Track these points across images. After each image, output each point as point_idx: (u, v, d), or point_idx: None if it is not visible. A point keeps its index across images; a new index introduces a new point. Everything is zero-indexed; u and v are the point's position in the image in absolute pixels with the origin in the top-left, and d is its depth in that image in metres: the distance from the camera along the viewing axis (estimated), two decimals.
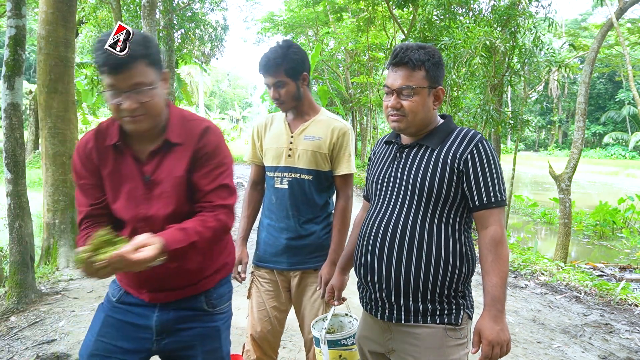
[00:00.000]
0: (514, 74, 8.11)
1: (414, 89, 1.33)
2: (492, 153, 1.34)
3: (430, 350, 1.33)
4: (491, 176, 1.32)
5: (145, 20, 8.07)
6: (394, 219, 1.36)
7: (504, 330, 1.25)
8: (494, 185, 1.32)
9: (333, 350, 1.69)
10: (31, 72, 28.69)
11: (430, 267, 1.32)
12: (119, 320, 1.40)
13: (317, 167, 1.86)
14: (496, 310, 1.26)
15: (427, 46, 1.38)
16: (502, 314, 1.26)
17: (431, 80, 1.35)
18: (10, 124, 3.50)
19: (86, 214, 1.35)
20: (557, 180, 7.47)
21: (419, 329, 1.34)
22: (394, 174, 1.41)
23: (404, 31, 12.49)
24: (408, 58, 1.34)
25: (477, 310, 1.32)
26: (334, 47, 20.09)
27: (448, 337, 1.33)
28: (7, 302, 3.49)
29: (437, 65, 1.37)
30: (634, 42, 17.48)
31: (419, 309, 1.33)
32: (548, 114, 44.46)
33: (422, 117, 1.37)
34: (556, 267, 5.37)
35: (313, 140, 1.85)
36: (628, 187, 18.32)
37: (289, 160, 1.87)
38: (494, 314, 1.26)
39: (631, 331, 3.47)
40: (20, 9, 3.53)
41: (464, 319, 1.36)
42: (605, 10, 8.62)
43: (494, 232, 1.30)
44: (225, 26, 12.92)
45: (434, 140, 1.38)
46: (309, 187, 1.86)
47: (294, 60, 1.77)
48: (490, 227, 1.31)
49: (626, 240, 9.59)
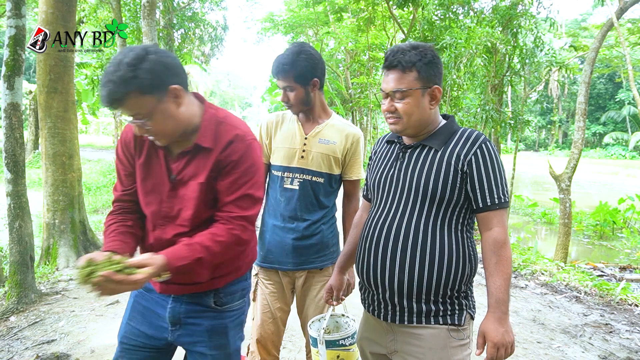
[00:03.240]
0: (514, 74, 8.11)
1: (405, 92, 1.33)
2: (496, 154, 1.34)
3: (433, 350, 1.33)
4: (495, 178, 1.32)
5: (145, 20, 8.07)
6: (397, 220, 1.36)
7: (508, 332, 1.25)
8: (498, 187, 1.31)
9: (331, 351, 1.68)
10: (31, 72, 28.69)
11: (433, 268, 1.31)
12: (144, 306, 1.45)
13: (329, 171, 1.88)
14: (500, 312, 1.25)
15: (421, 45, 1.36)
16: (506, 316, 1.27)
17: (424, 81, 1.33)
18: (10, 124, 3.49)
19: (117, 197, 1.42)
20: (557, 180, 7.47)
21: (422, 329, 1.34)
22: (396, 175, 1.40)
23: (404, 31, 12.48)
24: (398, 61, 1.33)
25: (479, 311, 1.32)
26: (334, 47, 20.08)
27: (451, 337, 1.33)
28: (7, 302, 3.49)
29: (431, 65, 1.34)
30: (634, 43, 17.46)
31: (422, 310, 1.33)
32: (548, 114, 44.45)
33: (417, 118, 1.35)
34: (556, 267, 5.37)
35: (328, 144, 1.87)
36: (628, 187, 18.30)
37: (301, 161, 1.87)
38: (498, 316, 1.26)
39: (631, 331, 3.47)
40: (20, 8, 3.53)
41: (466, 319, 1.36)
42: (606, 10, 8.61)
43: (497, 234, 1.30)
44: (225, 26, 12.95)
45: (437, 141, 1.37)
46: (319, 189, 1.88)
47: (304, 67, 1.76)
48: (494, 229, 1.31)
49: (626, 240, 9.59)
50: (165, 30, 10.34)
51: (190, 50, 13.87)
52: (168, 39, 10.52)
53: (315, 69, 1.78)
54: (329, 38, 19.27)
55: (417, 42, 1.43)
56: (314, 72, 1.79)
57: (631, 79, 8.77)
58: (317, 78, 1.80)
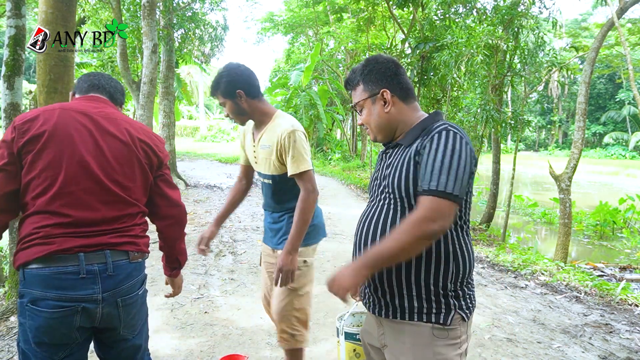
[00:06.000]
0: (515, 75, 8.12)
1: (358, 104, 1.45)
2: (450, 143, 1.24)
3: (416, 347, 1.32)
4: (439, 165, 1.22)
5: (145, 20, 8.08)
6: (381, 218, 1.39)
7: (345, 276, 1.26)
8: (441, 175, 1.21)
9: (348, 343, 1.76)
10: (31, 72, 28.69)
11: (411, 264, 1.31)
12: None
13: (274, 173, 2.08)
14: (360, 261, 1.27)
15: (369, 59, 1.45)
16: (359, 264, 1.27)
17: (370, 89, 1.42)
18: (10, 124, 3.50)
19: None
20: (557, 180, 7.47)
21: (406, 325, 1.34)
22: (379, 175, 1.46)
23: (404, 31, 12.49)
24: (347, 82, 1.49)
25: (478, 311, 1.32)
26: (334, 47, 20.11)
27: (434, 336, 1.31)
28: (7, 302, 3.50)
29: (371, 73, 1.41)
30: (634, 43, 17.45)
31: (405, 306, 1.33)
32: (548, 114, 44.44)
33: (376, 124, 1.43)
34: (556, 267, 5.36)
35: (265, 149, 2.07)
36: (628, 187, 18.30)
37: (256, 166, 2.20)
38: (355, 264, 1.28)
39: (631, 331, 3.47)
40: (20, 8, 3.53)
41: (455, 320, 1.32)
42: (606, 10, 8.60)
43: (417, 214, 1.22)
44: (225, 26, 12.93)
45: (407, 139, 1.39)
46: (272, 188, 2.14)
47: (225, 82, 1.97)
48: (418, 210, 1.22)
49: (626, 240, 9.59)
50: (165, 30, 10.33)
51: (190, 50, 13.83)
52: (168, 39, 10.50)
53: (236, 82, 1.97)
54: (329, 38, 19.29)
55: (371, 55, 1.53)
56: (236, 84, 1.97)
57: (631, 79, 8.76)
58: (240, 89, 1.97)
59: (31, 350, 1.43)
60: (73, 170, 1.44)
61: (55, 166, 1.43)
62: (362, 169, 17.13)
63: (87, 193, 1.46)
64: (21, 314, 1.44)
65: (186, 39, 12.21)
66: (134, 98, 9.44)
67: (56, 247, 1.40)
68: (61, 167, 1.43)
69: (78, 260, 1.41)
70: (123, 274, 1.50)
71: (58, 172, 1.43)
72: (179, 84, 18.07)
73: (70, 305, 1.40)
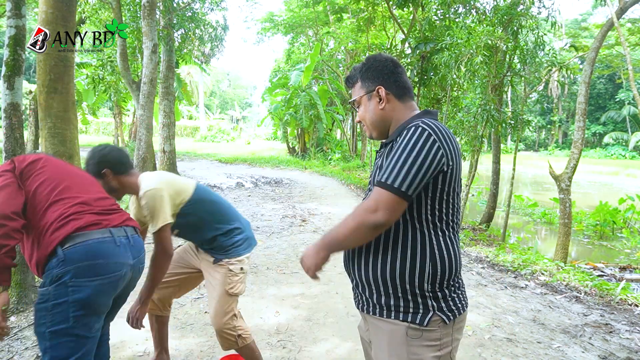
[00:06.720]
0: (515, 74, 8.11)
1: (356, 101, 1.50)
2: (413, 139, 1.26)
3: (391, 346, 1.32)
4: (395, 159, 1.25)
5: (145, 20, 8.07)
6: None
7: (311, 256, 1.38)
8: (393, 169, 1.24)
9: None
10: (31, 72, 28.69)
11: (386, 261, 1.32)
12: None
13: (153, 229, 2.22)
14: (322, 240, 1.38)
15: (368, 57, 1.49)
16: (321, 246, 1.37)
17: (366, 86, 1.46)
18: (10, 124, 3.50)
19: None
20: (557, 180, 7.47)
21: (384, 323, 1.35)
22: (372, 173, 1.48)
23: (404, 31, 12.49)
24: (346, 79, 1.54)
25: (478, 311, 1.31)
26: (334, 47, 20.10)
27: (408, 336, 1.30)
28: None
29: (369, 70, 1.45)
30: (634, 43, 17.46)
31: (382, 304, 1.34)
32: (548, 114, 44.46)
33: (370, 121, 1.46)
34: (556, 267, 5.36)
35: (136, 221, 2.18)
36: (628, 187, 18.31)
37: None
38: (315, 245, 1.39)
39: (631, 331, 3.47)
40: (20, 8, 3.53)
41: (433, 322, 1.30)
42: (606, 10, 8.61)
43: (366, 203, 1.28)
44: (225, 26, 12.91)
45: (394, 136, 1.40)
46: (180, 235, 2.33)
47: (92, 166, 2.08)
48: (366, 200, 1.30)
49: (626, 240, 9.59)
50: (165, 30, 10.33)
51: (190, 50, 13.82)
52: (168, 39, 10.50)
53: (99, 165, 2.07)
54: (329, 38, 19.28)
55: (371, 55, 1.55)
56: (100, 166, 2.07)
57: (631, 79, 8.77)
58: (104, 170, 2.08)
59: (68, 328, 1.54)
60: (69, 175, 1.79)
61: (55, 177, 1.73)
62: (362, 169, 17.13)
63: (84, 183, 1.82)
64: (60, 296, 1.55)
65: (186, 39, 12.20)
66: (134, 98, 9.43)
67: (91, 220, 1.64)
68: (61, 176, 1.74)
69: (110, 232, 1.66)
70: (138, 245, 1.79)
71: (59, 179, 1.73)
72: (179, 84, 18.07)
73: (117, 270, 1.64)
